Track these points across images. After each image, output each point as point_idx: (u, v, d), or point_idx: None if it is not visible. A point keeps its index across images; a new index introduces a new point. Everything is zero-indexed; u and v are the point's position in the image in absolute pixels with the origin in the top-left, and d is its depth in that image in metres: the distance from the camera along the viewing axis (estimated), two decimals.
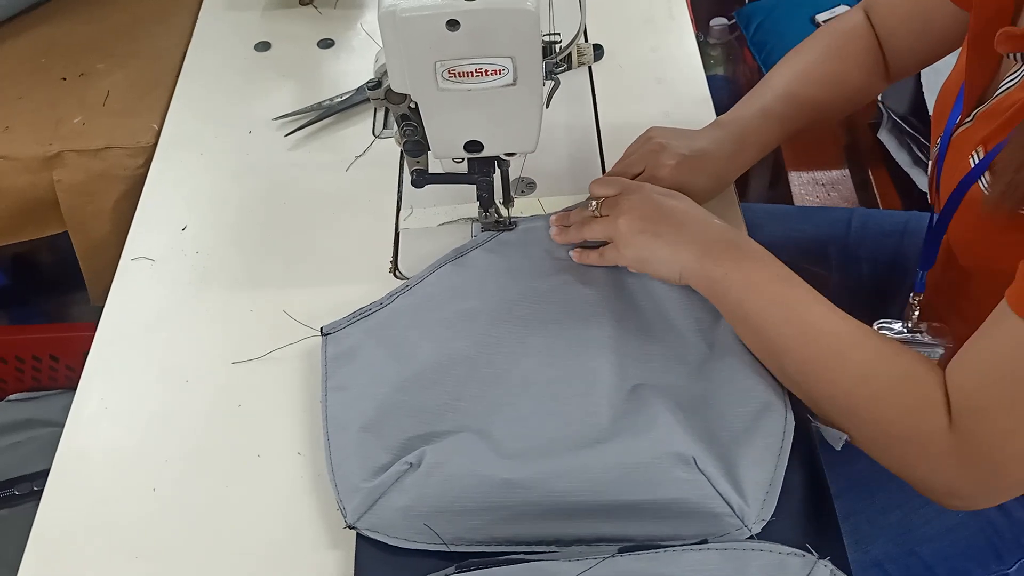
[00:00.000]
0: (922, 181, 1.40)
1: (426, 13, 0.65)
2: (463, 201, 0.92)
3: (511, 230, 0.87)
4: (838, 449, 0.70)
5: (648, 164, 0.86)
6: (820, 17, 1.63)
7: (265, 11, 1.19)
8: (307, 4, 1.19)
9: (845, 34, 0.92)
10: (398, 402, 0.73)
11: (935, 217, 0.81)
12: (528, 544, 0.66)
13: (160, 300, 0.88)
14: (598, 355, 0.75)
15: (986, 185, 0.69)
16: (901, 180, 1.46)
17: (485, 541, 0.66)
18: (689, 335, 0.77)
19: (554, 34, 0.77)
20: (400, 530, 0.67)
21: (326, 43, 1.14)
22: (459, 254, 0.85)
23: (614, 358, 0.75)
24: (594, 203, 0.81)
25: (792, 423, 0.70)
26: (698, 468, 0.66)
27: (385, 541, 0.67)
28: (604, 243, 0.81)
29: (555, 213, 0.87)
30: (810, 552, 0.62)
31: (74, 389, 0.82)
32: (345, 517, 0.68)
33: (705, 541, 0.64)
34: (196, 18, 1.19)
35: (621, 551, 0.63)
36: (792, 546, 0.63)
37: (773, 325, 0.71)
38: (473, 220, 0.90)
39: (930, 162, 0.82)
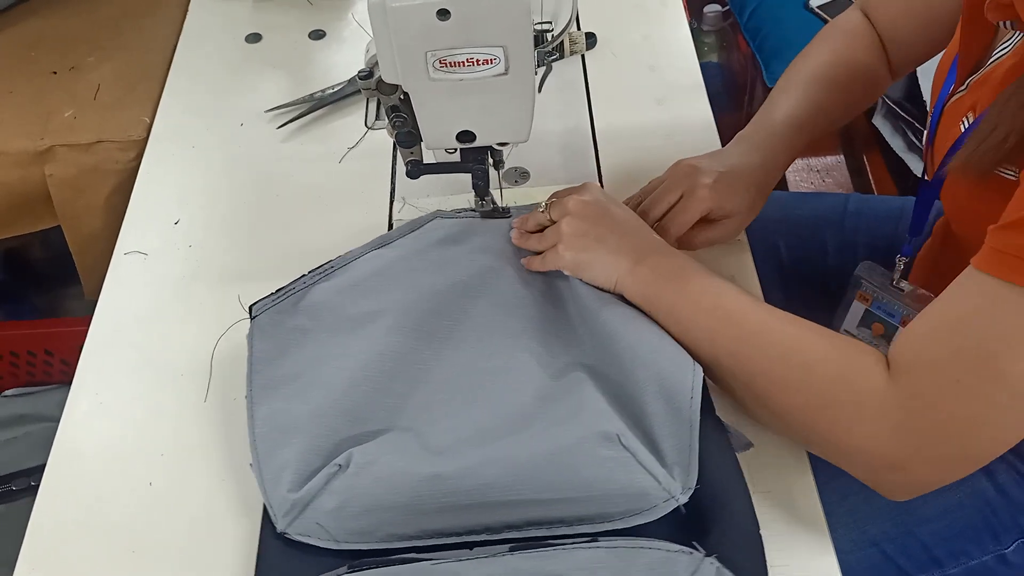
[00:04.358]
0: (917, 167, 1.40)
1: (416, 3, 0.64)
2: (456, 192, 0.92)
3: (507, 217, 0.86)
4: (738, 454, 0.69)
5: (684, 188, 0.83)
6: (814, 3, 1.62)
7: (256, 2, 1.18)
8: None
9: (848, 34, 0.92)
10: (330, 403, 0.72)
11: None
12: (458, 535, 0.66)
13: (153, 294, 0.88)
14: (526, 344, 0.75)
15: None
16: (896, 166, 1.45)
17: (415, 535, 0.65)
18: (609, 314, 0.75)
19: (545, 22, 0.76)
20: (330, 532, 0.66)
21: (317, 34, 1.14)
22: (385, 241, 0.83)
23: (539, 345, 0.75)
24: (543, 204, 0.80)
25: (699, 388, 0.68)
26: (622, 445, 0.66)
27: (317, 544, 0.66)
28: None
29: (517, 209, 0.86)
30: (697, 550, 0.62)
31: (69, 384, 0.82)
32: (275, 524, 0.67)
33: (595, 539, 0.64)
34: (186, 10, 1.18)
35: (512, 549, 0.63)
36: (681, 541, 0.62)
37: (701, 321, 0.71)
38: (467, 210, 0.90)
39: (925, 132, 0.82)
